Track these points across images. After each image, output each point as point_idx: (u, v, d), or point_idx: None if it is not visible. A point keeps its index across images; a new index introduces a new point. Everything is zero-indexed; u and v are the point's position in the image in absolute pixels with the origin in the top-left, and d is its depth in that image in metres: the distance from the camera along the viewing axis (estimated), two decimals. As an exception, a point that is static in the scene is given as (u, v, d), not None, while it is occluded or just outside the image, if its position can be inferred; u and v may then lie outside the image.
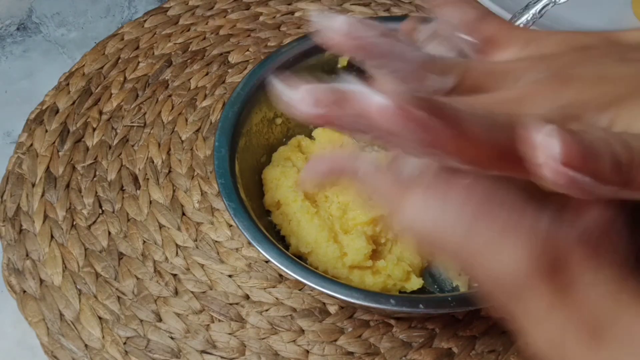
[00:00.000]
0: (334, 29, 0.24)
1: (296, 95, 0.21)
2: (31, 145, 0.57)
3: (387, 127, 0.21)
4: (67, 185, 0.54)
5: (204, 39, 0.65)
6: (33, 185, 0.54)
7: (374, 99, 0.20)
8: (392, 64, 0.25)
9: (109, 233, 0.51)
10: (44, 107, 0.59)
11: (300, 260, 0.43)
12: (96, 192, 0.54)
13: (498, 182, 0.25)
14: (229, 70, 0.62)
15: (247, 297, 0.48)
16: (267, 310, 0.48)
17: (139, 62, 0.63)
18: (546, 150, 0.20)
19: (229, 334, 0.47)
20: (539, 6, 0.49)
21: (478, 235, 0.24)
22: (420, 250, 0.47)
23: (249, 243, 0.43)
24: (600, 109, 0.24)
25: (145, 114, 0.59)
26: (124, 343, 0.46)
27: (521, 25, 0.50)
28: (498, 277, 0.24)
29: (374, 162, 0.27)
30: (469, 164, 0.22)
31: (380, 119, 0.20)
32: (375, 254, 0.47)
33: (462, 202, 0.24)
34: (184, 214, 0.53)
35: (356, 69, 0.55)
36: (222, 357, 0.46)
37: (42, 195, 0.53)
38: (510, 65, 0.27)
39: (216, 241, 0.51)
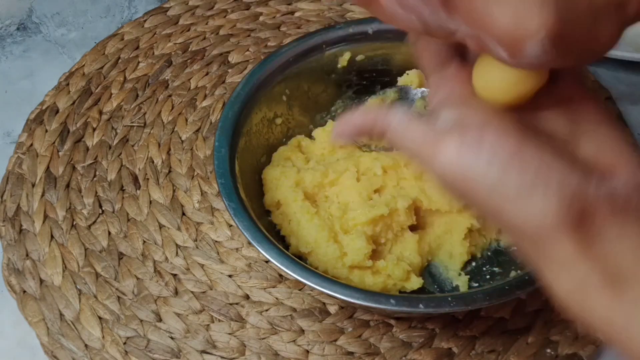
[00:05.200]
0: None
1: None
2: (31, 145, 0.57)
3: None
4: (67, 185, 0.54)
5: (204, 39, 0.65)
6: (33, 185, 0.54)
7: None
8: None
9: (109, 233, 0.51)
10: (44, 107, 0.59)
11: (300, 260, 0.43)
12: (96, 192, 0.54)
13: (529, 138, 0.26)
14: (229, 70, 0.62)
15: (247, 297, 0.48)
16: (267, 310, 0.48)
17: (139, 62, 0.63)
18: None
19: (229, 334, 0.47)
20: None
21: (508, 183, 0.25)
22: (451, 197, 0.48)
23: (249, 243, 0.43)
24: None
25: (145, 114, 0.59)
26: (124, 343, 0.46)
27: None
28: (525, 225, 0.26)
29: (406, 114, 0.28)
30: None
31: None
32: (375, 254, 0.47)
33: (494, 151, 0.26)
34: (184, 214, 0.53)
35: (356, 69, 0.55)
36: (222, 357, 0.46)
37: (42, 195, 0.53)
38: None
39: (216, 241, 0.51)
